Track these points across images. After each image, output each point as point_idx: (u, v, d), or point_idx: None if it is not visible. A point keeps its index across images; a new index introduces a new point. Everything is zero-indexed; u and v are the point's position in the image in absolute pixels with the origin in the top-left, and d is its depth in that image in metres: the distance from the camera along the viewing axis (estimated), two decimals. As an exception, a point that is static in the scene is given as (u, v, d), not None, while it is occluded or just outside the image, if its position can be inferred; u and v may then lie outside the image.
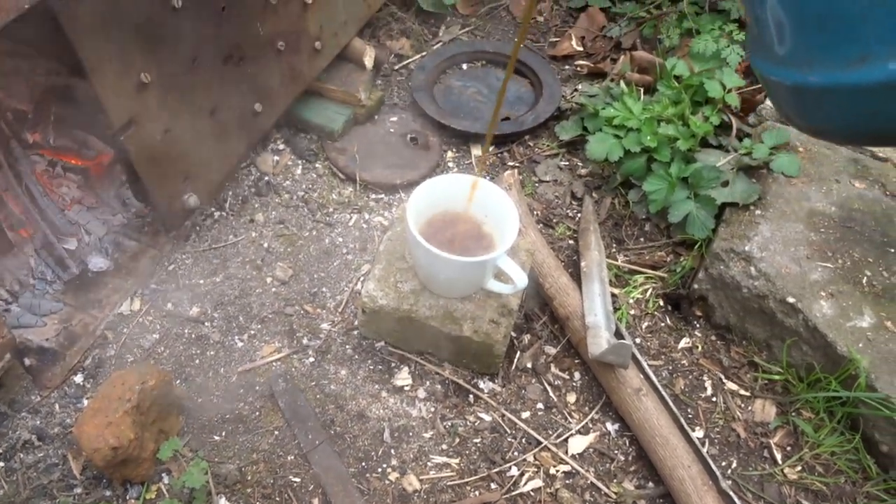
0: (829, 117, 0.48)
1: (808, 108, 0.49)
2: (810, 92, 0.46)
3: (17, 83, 1.08)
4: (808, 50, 0.45)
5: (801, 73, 0.46)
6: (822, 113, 0.48)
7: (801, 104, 0.49)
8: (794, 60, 0.46)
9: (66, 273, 1.02)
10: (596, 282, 1.10)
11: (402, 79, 1.45)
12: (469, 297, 1.01)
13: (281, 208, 1.20)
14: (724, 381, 1.06)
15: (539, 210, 1.27)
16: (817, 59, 0.44)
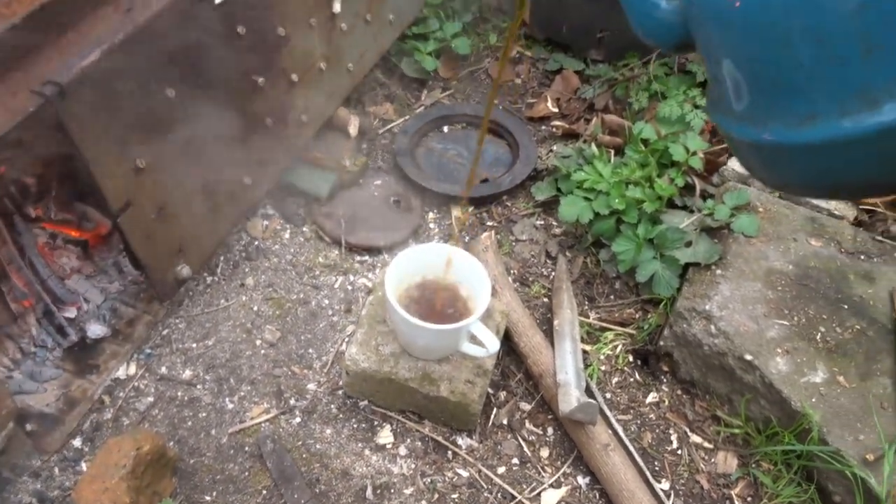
0: (787, 172, 0.49)
1: (766, 164, 0.50)
2: (767, 148, 0.48)
3: (19, 155, 1.15)
4: (761, 108, 0.46)
5: (757, 130, 0.47)
6: (779, 168, 0.49)
7: (759, 160, 0.51)
8: (750, 118, 0.47)
9: (65, 340, 1.08)
10: (568, 340, 1.17)
11: (387, 142, 1.52)
12: (446, 359, 1.07)
13: (270, 272, 1.27)
14: (689, 434, 1.12)
15: (516, 269, 1.34)
16: (771, 117, 0.46)
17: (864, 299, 1.18)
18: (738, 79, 0.47)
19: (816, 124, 0.43)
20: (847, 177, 0.45)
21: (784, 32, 0.42)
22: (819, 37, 0.40)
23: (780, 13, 0.42)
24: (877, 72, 0.39)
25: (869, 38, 0.39)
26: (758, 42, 0.44)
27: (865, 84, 0.40)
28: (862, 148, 0.42)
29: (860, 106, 0.40)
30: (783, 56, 0.43)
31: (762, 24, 0.43)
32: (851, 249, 1.25)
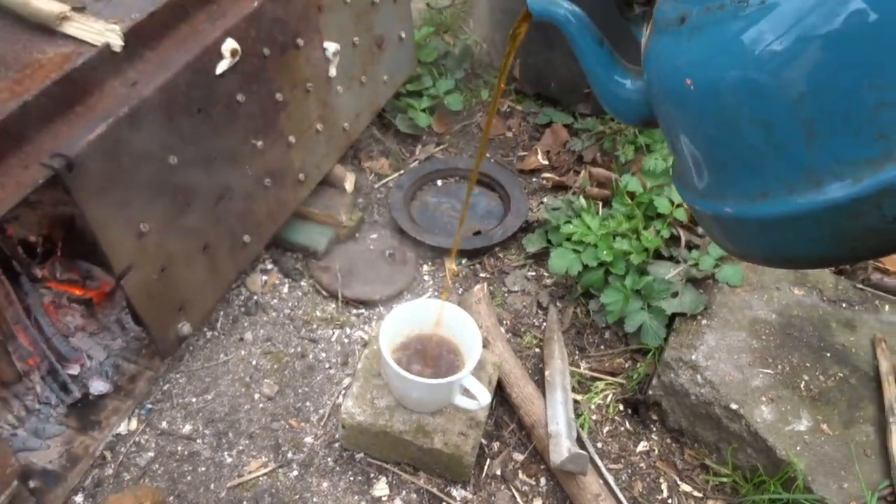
0: (745, 244, 0.52)
1: (727, 235, 0.53)
2: (726, 221, 0.51)
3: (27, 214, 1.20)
4: (719, 185, 0.50)
5: (716, 204, 0.50)
6: (738, 240, 0.52)
7: (720, 231, 0.53)
8: (710, 193, 0.50)
9: (69, 397, 1.11)
10: (559, 390, 1.19)
11: (382, 196, 1.57)
12: (440, 412, 1.10)
13: (268, 326, 1.30)
14: (678, 482, 1.15)
15: (508, 320, 1.37)
16: (727, 193, 0.49)
17: (847, 347, 1.21)
18: (697, 156, 0.50)
19: (767, 201, 0.46)
20: (799, 250, 0.49)
21: (734, 117, 0.45)
22: (766, 123, 0.44)
23: (730, 100, 0.45)
24: (819, 155, 0.42)
25: (811, 125, 0.42)
26: (711, 125, 0.47)
27: (810, 166, 0.43)
28: (810, 223, 0.45)
29: (806, 185, 0.43)
30: (735, 138, 0.46)
31: (714, 109, 0.46)
32: (833, 297, 1.29)
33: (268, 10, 1.13)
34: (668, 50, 0.49)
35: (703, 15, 0.46)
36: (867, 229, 0.43)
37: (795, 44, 0.41)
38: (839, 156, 0.42)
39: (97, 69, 0.97)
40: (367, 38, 1.43)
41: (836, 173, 0.42)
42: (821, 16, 0.39)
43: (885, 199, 0.41)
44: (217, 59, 1.07)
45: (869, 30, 0.39)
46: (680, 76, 0.47)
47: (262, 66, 1.16)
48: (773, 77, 0.42)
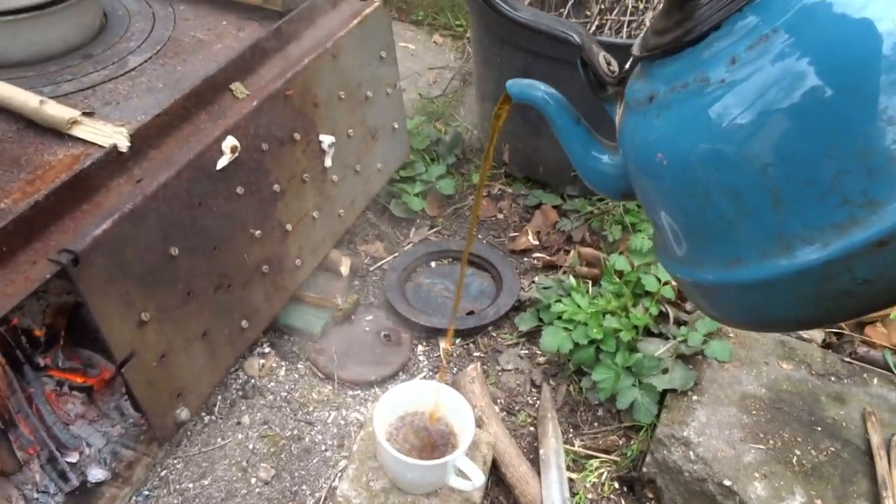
0: (726, 310, 0.53)
1: (708, 302, 0.55)
2: (705, 288, 0.52)
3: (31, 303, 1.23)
4: (696, 253, 0.51)
5: (695, 272, 0.52)
6: (719, 305, 0.54)
7: (702, 298, 0.55)
8: (688, 261, 0.52)
9: (67, 486, 1.12)
10: (553, 469, 1.21)
11: (377, 279, 1.61)
12: (435, 493, 1.11)
13: (266, 409, 1.32)
14: (675, 562, 1.14)
15: (502, 398, 1.39)
16: (704, 260, 0.51)
17: (837, 421, 1.22)
18: (673, 226, 0.53)
19: (742, 267, 0.48)
20: (776, 313, 0.50)
21: (704, 189, 0.47)
22: (734, 193, 0.46)
23: (699, 172, 0.47)
24: (787, 221, 0.44)
25: (776, 193, 0.44)
26: (683, 196, 0.49)
27: (779, 231, 0.45)
28: (784, 287, 0.46)
29: (777, 250, 0.45)
30: (706, 208, 0.48)
31: (685, 181, 0.48)
32: (822, 371, 1.31)
33: (266, 108, 1.20)
34: (640, 127, 0.52)
35: (668, 94, 0.48)
36: (840, 291, 0.44)
37: (756, 118, 0.43)
38: (806, 221, 0.44)
39: (104, 169, 1.03)
40: (361, 130, 1.50)
41: (804, 238, 0.44)
42: (779, 91, 0.42)
43: (854, 262, 0.42)
44: (218, 156, 1.13)
45: (825, 104, 0.41)
46: (651, 152, 0.50)
47: (260, 159, 1.22)
48: (737, 149, 0.44)
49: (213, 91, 1.19)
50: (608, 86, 0.59)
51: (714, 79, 0.45)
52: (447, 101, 2.13)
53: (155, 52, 1.26)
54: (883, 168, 0.41)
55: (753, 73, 0.43)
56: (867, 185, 0.41)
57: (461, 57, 2.34)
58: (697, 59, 0.47)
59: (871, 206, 0.41)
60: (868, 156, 0.41)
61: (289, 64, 1.30)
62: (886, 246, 0.41)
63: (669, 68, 0.49)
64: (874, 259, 0.42)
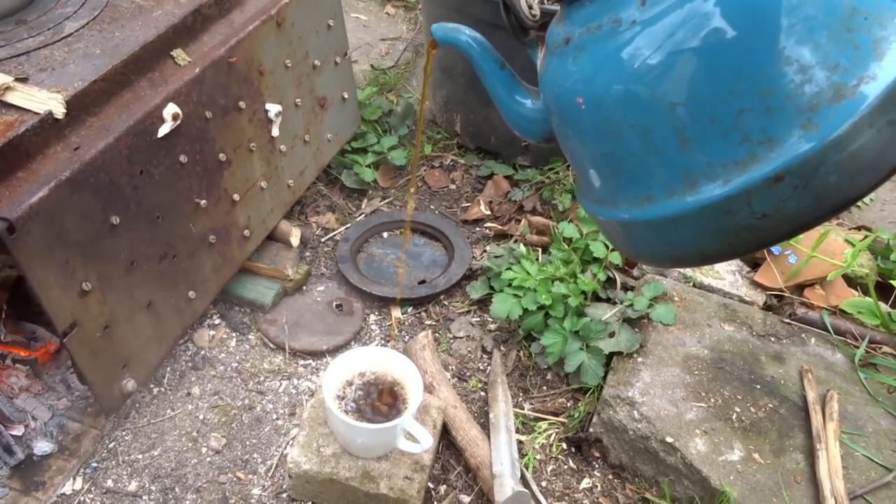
0: (639, 246, 0.56)
1: (623, 239, 0.58)
2: (620, 226, 0.55)
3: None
4: (612, 193, 0.54)
5: (611, 211, 0.55)
6: (632, 242, 0.56)
7: (617, 236, 0.58)
8: (605, 200, 0.55)
9: (12, 459, 1.10)
10: (503, 432, 1.23)
11: (329, 250, 1.61)
12: (385, 457, 1.12)
13: (216, 380, 1.32)
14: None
15: (454, 365, 1.41)
16: (619, 199, 0.54)
17: (776, 379, 1.27)
18: (590, 167, 0.55)
19: (652, 204, 0.51)
20: (684, 248, 0.53)
21: (617, 128, 0.49)
22: (644, 131, 0.48)
23: (612, 112, 0.49)
24: (693, 159, 0.47)
25: (683, 131, 0.46)
26: (599, 136, 0.52)
27: (686, 169, 0.48)
28: (690, 222, 0.49)
29: (683, 188, 0.48)
30: (619, 148, 0.51)
31: (600, 121, 0.51)
32: (762, 332, 1.35)
33: (209, 75, 1.18)
34: (558, 69, 0.53)
35: (584, 35, 0.50)
36: (740, 225, 0.47)
37: (665, 57, 0.45)
38: (710, 159, 0.46)
39: (40, 136, 1.01)
40: (309, 99, 1.49)
41: (708, 175, 0.46)
42: (686, 31, 0.44)
43: (753, 196, 0.45)
44: (159, 123, 1.11)
45: (728, 43, 0.43)
46: (569, 93, 0.52)
47: (204, 128, 1.21)
48: (647, 89, 0.46)
49: (154, 58, 1.17)
50: (530, 30, 0.60)
51: (626, 20, 0.47)
52: (399, 72, 2.12)
53: (92, 17, 1.23)
54: (781, 106, 0.43)
55: (662, 13, 0.45)
56: (766, 123, 0.44)
57: (413, 28, 2.33)
58: (611, 1, 0.48)
59: (770, 144, 0.44)
60: (767, 94, 0.43)
61: (232, 31, 1.28)
62: (782, 181, 0.44)
63: (585, 10, 0.50)
64: (771, 194, 0.44)
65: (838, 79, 0.43)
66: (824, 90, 0.43)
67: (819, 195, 0.44)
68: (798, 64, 0.42)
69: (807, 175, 0.43)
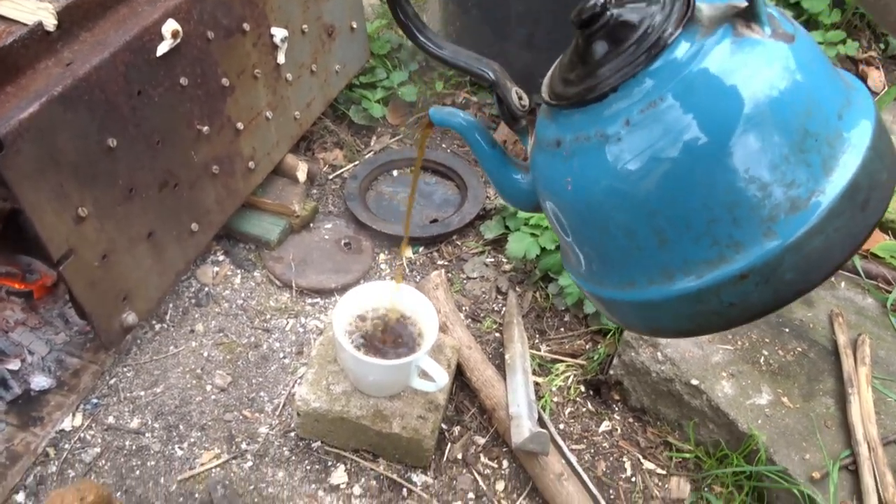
0: (621, 318, 0.62)
1: (606, 309, 0.63)
2: (604, 301, 0.61)
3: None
4: (596, 274, 0.60)
5: (596, 288, 0.61)
6: (616, 314, 0.62)
7: (601, 306, 0.63)
8: (590, 278, 0.61)
9: (8, 394, 1.06)
10: (519, 373, 1.18)
11: (336, 187, 1.55)
12: (398, 396, 1.08)
13: (220, 317, 1.26)
14: (641, 461, 1.13)
15: (467, 306, 1.35)
16: (604, 280, 0.59)
17: (805, 322, 1.21)
18: (576, 250, 0.61)
19: (634, 289, 0.56)
20: (662, 325, 0.59)
21: (603, 225, 0.55)
22: (628, 230, 0.54)
23: (599, 212, 0.54)
24: (670, 256, 0.53)
25: (662, 233, 0.52)
26: (587, 229, 0.57)
27: (664, 264, 0.53)
28: (667, 307, 0.55)
29: (662, 279, 0.54)
30: (605, 240, 0.56)
31: (587, 217, 0.56)
32: (790, 274, 1.30)
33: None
34: (548, 167, 0.58)
35: (573, 143, 0.55)
36: (711, 311, 0.54)
37: (645, 172, 0.50)
38: (686, 257, 0.52)
39: (29, 49, 0.94)
40: (316, 27, 1.41)
41: (684, 271, 0.53)
42: (663, 150, 0.49)
43: (722, 290, 0.52)
44: (158, 41, 1.04)
45: (699, 163, 0.49)
46: (559, 190, 0.57)
47: (206, 49, 1.13)
48: (630, 196, 0.52)
49: (152, -29, 1.09)
50: (520, 119, 0.65)
51: (612, 135, 0.52)
52: (410, 6, 2.02)
53: (86, -72, 1.15)
54: (746, 217, 0.50)
55: (643, 133, 0.50)
56: (733, 231, 0.50)
57: (425, -38, 2.22)
58: (598, 116, 0.53)
59: (736, 247, 0.50)
60: (734, 207, 0.50)
61: (236, -54, 1.19)
62: (747, 278, 0.51)
63: (574, 119, 0.55)
64: (737, 288, 0.51)
65: (794, 193, 0.49)
66: (782, 203, 0.49)
67: (777, 289, 0.51)
68: (759, 182, 0.49)
69: (767, 273, 0.51)
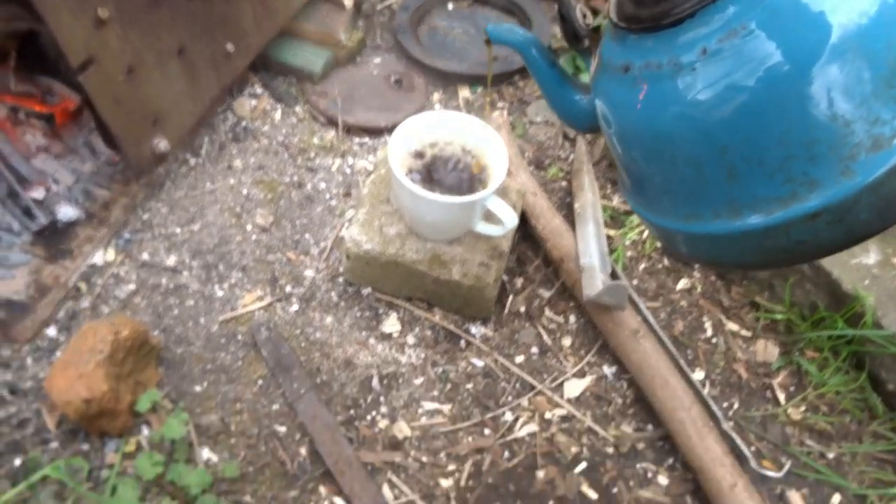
0: (679, 248, 0.60)
1: (663, 238, 0.62)
2: (663, 230, 0.60)
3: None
4: (655, 204, 0.58)
5: (655, 217, 0.59)
6: (673, 244, 0.60)
7: (658, 235, 0.63)
8: (650, 207, 0.59)
9: (34, 223, 0.97)
10: (590, 223, 1.06)
11: (385, 20, 1.38)
12: (458, 240, 0.97)
13: (260, 154, 1.15)
14: (724, 321, 1.03)
15: (530, 152, 1.22)
16: (665, 211, 0.57)
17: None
18: (638, 179, 0.58)
19: (697, 222, 0.54)
20: (722, 258, 0.58)
21: (669, 157, 0.53)
22: (696, 164, 0.51)
23: (667, 143, 0.52)
24: (739, 192, 0.51)
25: (732, 168, 0.50)
26: (652, 160, 0.55)
27: (732, 199, 0.51)
28: (729, 242, 0.54)
29: (728, 214, 0.52)
30: (669, 174, 0.54)
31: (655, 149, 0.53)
32: None
33: None
34: (613, 90, 0.55)
35: (643, 69, 0.52)
36: (778, 248, 0.52)
37: (720, 104, 0.48)
38: (755, 193, 0.50)
39: None
40: None
41: (752, 207, 0.51)
42: (741, 83, 0.47)
43: (791, 228, 0.50)
44: None
45: (779, 97, 0.46)
46: (622, 116, 0.55)
47: None
48: (702, 129, 0.49)
49: None
50: (584, 38, 0.63)
51: (686, 64, 0.49)
52: None
53: None
54: (824, 154, 0.47)
55: (721, 62, 0.47)
56: (809, 168, 0.48)
57: None
58: (672, 43, 0.50)
59: (811, 185, 0.48)
60: (812, 144, 0.47)
61: None
62: (819, 217, 0.49)
63: (645, 45, 0.52)
64: (808, 226, 0.49)
65: (877, 131, 0.46)
66: (863, 141, 0.46)
67: (849, 228, 0.49)
68: (843, 118, 0.46)
69: (841, 213, 0.48)
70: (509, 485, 0.86)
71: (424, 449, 0.88)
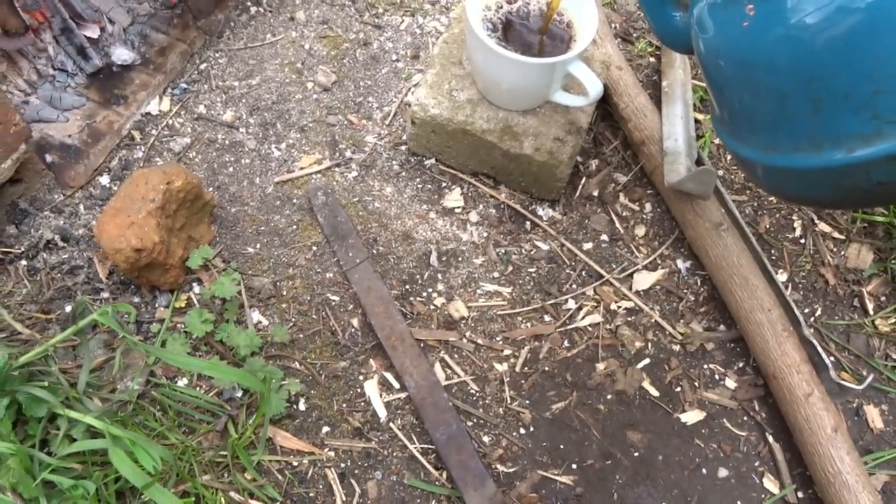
0: (757, 178, 0.61)
1: (743, 167, 0.62)
2: (743, 159, 0.60)
3: None
4: (740, 132, 0.58)
5: (737, 145, 0.59)
6: (752, 174, 0.61)
7: (739, 163, 0.63)
8: (734, 134, 0.59)
9: (88, 64, 0.92)
10: (679, 104, 0.96)
11: None
12: (532, 111, 0.89)
13: (324, 6, 1.06)
14: (815, 221, 0.94)
15: (618, 23, 1.10)
16: (747, 139, 0.58)
17: None
18: (725, 106, 0.59)
19: (776, 154, 0.55)
20: (799, 193, 0.58)
21: (756, 86, 0.53)
22: (781, 94, 0.52)
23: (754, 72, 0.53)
24: (822, 126, 0.51)
25: (817, 102, 0.50)
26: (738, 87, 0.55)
27: (814, 133, 0.52)
28: (808, 177, 0.54)
29: (808, 148, 0.53)
30: (755, 102, 0.55)
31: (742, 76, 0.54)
32: None
33: None
34: (710, 12, 0.56)
35: None
36: (856, 188, 0.52)
37: (812, 36, 0.48)
38: (839, 128, 0.50)
39: None
40: None
41: (834, 142, 0.51)
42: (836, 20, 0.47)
43: (873, 167, 0.50)
44: None
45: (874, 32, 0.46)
46: (718, 36, 0.55)
47: None
48: (791, 60, 0.50)
49: None
50: None
51: None
52: None
53: None
54: None
55: None
56: None
57: None
58: None
59: None
60: None
61: None
62: None
63: None
64: (891, 167, 0.49)
65: None
66: None
67: None
68: None
69: None
70: (567, 374, 0.82)
71: (480, 331, 0.84)
